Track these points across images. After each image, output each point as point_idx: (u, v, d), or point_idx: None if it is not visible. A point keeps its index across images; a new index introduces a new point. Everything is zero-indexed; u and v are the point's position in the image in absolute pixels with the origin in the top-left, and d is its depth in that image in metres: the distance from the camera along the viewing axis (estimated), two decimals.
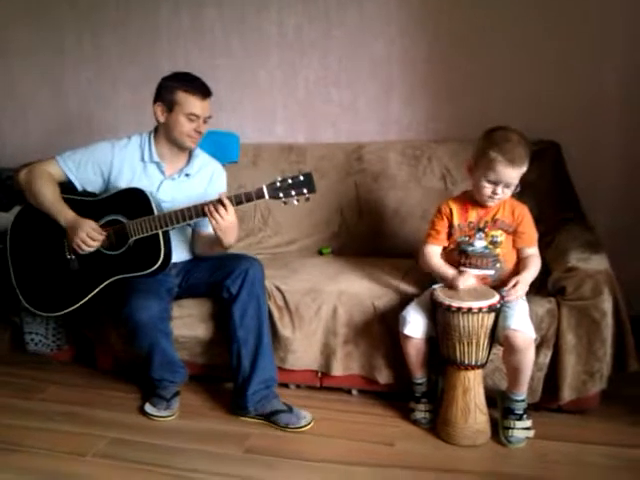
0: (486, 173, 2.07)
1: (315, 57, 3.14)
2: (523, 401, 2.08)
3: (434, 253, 2.23)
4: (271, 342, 2.32)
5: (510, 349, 2.01)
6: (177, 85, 2.32)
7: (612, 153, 2.82)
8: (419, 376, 2.21)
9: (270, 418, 2.24)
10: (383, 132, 3.10)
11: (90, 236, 2.26)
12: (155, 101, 2.37)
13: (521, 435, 2.05)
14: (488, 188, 2.08)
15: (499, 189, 2.07)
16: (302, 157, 3.03)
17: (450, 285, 2.12)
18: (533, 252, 2.17)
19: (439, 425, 2.13)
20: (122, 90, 3.42)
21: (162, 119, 2.36)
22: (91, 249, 2.29)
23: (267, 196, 2.15)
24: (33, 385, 2.63)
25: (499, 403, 2.14)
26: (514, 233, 2.16)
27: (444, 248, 2.25)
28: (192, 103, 2.32)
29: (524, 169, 2.08)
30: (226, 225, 2.18)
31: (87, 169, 2.40)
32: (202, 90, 2.34)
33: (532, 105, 2.84)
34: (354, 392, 2.45)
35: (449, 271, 2.16)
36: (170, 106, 2.33)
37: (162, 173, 2.43)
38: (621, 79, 2.74)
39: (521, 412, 2.07)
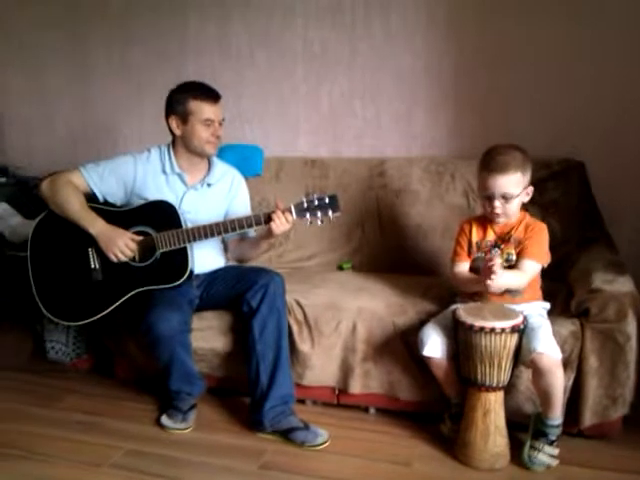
0: (481, 191, 2.16)
1: (340, 71, 3.14)
2: (558, 427, 2.03)
3: (463, 270, 2.22)
4: (289, 358, 2.31)
5: (538, 372, 1.97)
6: (186, 95, 2.35)
7: (636, 172, 2.76)
8: (454, 396, 2.17)
9: (286, 435, 2.22)
10: (406, 147, 3.09)
11: (127, 245, 2.29)
12: (168, 115, 2.39)
13: (545, 460, 2.00)
14: (487, 204, 2.14)
15: (496, 202, 2.10)
16: (325, 171, 3.02)
17: (485, 282, 2.02)
18: (527, 266, 2.09)
19: (458, 447, 2.08)
20: (147, 101, 3.44)
21: (178, 132, 2.39)
22: (125, 258, 2.31)
23: (294, 215, 2.18)
24: (52, 393, 2.64)
25: (531, 425, 2.08)
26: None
27: None
28: (205, 109, 2.34)
29: (513, 176, 2.08)
30: (285, 229, 2.22)
31: (110, 182, 2.42)
32: (212, 94, 2.37)
33: (557, 123, 2.82)
34: (371, 410, 2.43)
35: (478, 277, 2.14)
36: (184, 117, 2.35)
37: (184, 184, 2.45)
38: None
39: (554, 438, 2.02)
